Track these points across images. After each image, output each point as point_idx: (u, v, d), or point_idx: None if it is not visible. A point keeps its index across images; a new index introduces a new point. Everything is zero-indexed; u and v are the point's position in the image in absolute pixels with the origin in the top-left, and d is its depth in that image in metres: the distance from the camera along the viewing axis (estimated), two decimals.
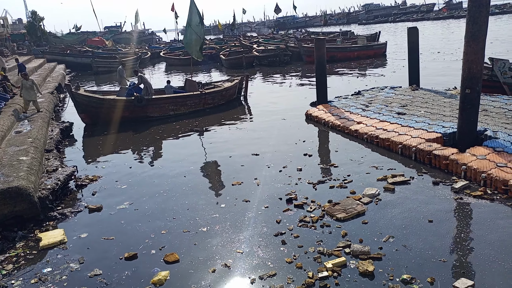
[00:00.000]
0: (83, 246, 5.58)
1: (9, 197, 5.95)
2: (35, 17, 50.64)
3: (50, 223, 6.26)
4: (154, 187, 7.49)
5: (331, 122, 10.56)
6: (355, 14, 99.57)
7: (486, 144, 7.48)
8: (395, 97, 12.31)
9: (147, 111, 12.93)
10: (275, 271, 4.63)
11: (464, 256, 4.73)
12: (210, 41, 46.15)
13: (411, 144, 7.93)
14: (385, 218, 5.73)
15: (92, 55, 33.63)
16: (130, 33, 64.43)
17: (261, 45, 33.08)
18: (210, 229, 5.74)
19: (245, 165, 8.31)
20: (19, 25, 66.81)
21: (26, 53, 35.72)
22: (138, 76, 13.10)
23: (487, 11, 7.18)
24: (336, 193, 6.67)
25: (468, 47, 7.34)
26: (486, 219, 5.51)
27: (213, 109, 14.01)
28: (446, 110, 10.13)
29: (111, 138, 11.41)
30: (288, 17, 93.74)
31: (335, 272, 4.52)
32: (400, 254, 4.82)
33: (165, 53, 36.93)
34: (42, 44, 43.70)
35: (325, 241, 5.20)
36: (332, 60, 23.04)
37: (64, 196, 7.30)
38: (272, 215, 6.02)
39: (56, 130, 11.30)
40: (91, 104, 12.49)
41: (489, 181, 6.35)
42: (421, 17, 76.32)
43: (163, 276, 4.67)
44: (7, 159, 7.46)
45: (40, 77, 20.07)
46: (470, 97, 7.48)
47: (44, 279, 4.85)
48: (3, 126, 9.44)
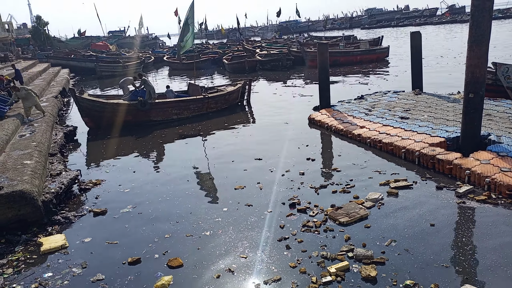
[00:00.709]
0: (86, 250, 5.58)
1: (13, 200, 5.98)
2: (39, 22, 51.10)
3: (54, 227, 6.27)
4: (157, 191, 7.50)
5: (334, 126, 10.55)
6: (357, 19, 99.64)
7: (490, 149, 7.45)
8: (398, 101, 12.30)
9: (150, 115, 12.98)
10: (279, 276, 4.62)
11: (467, 262, 4.70)
12: (213, 46, 46.37)
13: (415, 149, 7.91)
14: (388, 222, 5.71)
15: (96, 59, 33.91)
16: (134, 38, 64.87)
17: (264, 49, 33.15)
18: (213, 233, 5.74)
19: (248, 170, 8.31)
20: (24, 29, 67.38)
21: (30, 58, 36.04)
22: (142, 79, 13.16)
23: (490, 16, 7.18)
24: (339, 197, 6.66)
25: (471, 52, 7.33)
26: (489, 223, 5.49)
27: (216, 113, 14.05)
28: (449, 114, 10.11)
29: (114, 142, 11.46)
30: (291, 22, 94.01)
31: (339, 276, 4.51)
32: (403, 259, 4.80)
33: (168, 57, 37.09)
34: (46, 49, 44.03)
35: (328, 246, 5.19)
36: (334, 64, 23.04)
37: (68, 200, 7.32)
38: (275, 220, 6.01)
39: (60, 134, 11.36)
40: (94, 108, 12.56)
41: (493, 186, 6.33)
42: (424, 21, 76.24)
43: (166, 281, 4.66)
44: (12, 162, 7.50)
45: (44, 81, 20.21)
46: (473, 101, 7.46)
47: (44, 284, 4.82)
48: (8, 130, 9.50)
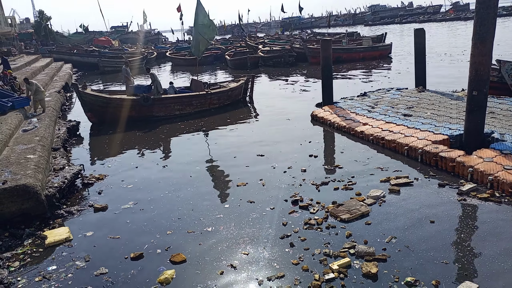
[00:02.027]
0: (89, 244, 5.61)
1: (17, 194, 6.01)
2: (42, 17, 51.09)
3: (57, 221, 6.31)
4: (159, 187, 7.52)
5: (336, 123, 10.54)
6: (361, 15, 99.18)
7: (493, 147, 7.43)
8: (401, 98, 12.26)
9: (153, 110, 12.99)
10: (283, 273, 4.61)
11: (467, 259, 4.70)
12: (216, 42, 46.24)
13: (417, 146, 7.89)
14: (389, 219, 5.73)
15: (99, 54, 33.92)
16: (137, 33, 64.76)
17: (266, 45, 33.08)
18: (215, 230, 5.75)
19: (250, 166, 8.32)
20: (27, 24, 67.40)
21: (33, 52, 36.06)
22: (150, 73, 13.32)
23: (495, 13, 7.14)
24: (341, 194, 6.66)
25: (476, 49, 7.29)
26: (491, 221, 5.48)
27: (218, 109, 14.04)
28: (452, 112, 10.07)
29: (117, 137, 11.48)
30: (294, 18, 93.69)
31: (341, 273, 4.51)
32: (403, 255, 4.82)
33: (171, 53, 37.06)
34: (49, 44, 44.04)
35: (331, 243, 5.19)
36: (337, 61, 22.98)
37: (71, 194, 7.36)
38: (277, 217, 6.02)
39: (63, 128, 11.40)
40: (97, 103, 12.58)
41: (496, 184, 6.32)
42: (428, 18, 75.84)
43: (169, 274, 4.69)
44: (15, 157, 7.53)
45: (47, 76, 20.22)
46: (477, 99, 7.44)
47: (48, 277, 4.87)
48: (11, 125, 9.53)
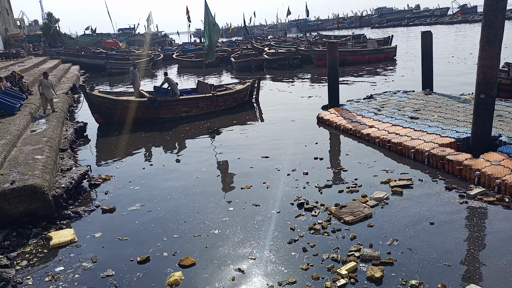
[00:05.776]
0: (96, 245, 5.64)
1: (25, 195, 6.07)
2: (50, 19, 51.57)
3: (64, 222, 6.35)
4: (166, 189, 7.55)
5: (342, 126, 10.51)
6: (367, 18, 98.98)
7: (501, 150, 7.38)
8: (408, 101, 12.21)
9: (159, 112, 13.06)
10: (295, 279, 4.56)
11: (471, 261, 4.67)
12: (222, 44, 46.37)
13: (424, 149, 7.85)
14: (391, 221, 5.72)
15: (106, 56, 34.15)
16: (144, 35, 65.07)
17: (272, 48, 33.13)
18: (221, 233, 5.74)
19: (254, 168, 8.33)
20: (35, 26, 68.06)
21: (41, 54, 36.41)
22: (165, 78, 13.51)
23: (503, 16, 7.09)
24: (345, 197, 6.65)
25: (483, 52, 7.25)
26: (497, 224, 5.46)
27: (224, 111, 14.08)
28: (460, 115, 10.01)
29: (124, 138, 11.55)
30: (300, 20, 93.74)
31: (352, 278, 4.48)
32: (407, 258, 4.80)
33: (177, 55, 37.25)
34: (57, 45, 44.44)
35: (337, 247, 5.16)
36: (343, 64, 22.92)
37: (78, 195, 7.40)
38: (282, 220, 6.00)
39: (70, 130, 11.50)
40: (104, 105, 12.67)
41: (503, 187, 6.26)
42: (435, 21, 75.47)
43: (178, 276, 4.70)
44: (23, 157, 7.61)
45: (55, 78, 20.41)
46: (484, 102, 7.38)
47: (56, 277, 4.91)
48: (19, 125, 9.63)
